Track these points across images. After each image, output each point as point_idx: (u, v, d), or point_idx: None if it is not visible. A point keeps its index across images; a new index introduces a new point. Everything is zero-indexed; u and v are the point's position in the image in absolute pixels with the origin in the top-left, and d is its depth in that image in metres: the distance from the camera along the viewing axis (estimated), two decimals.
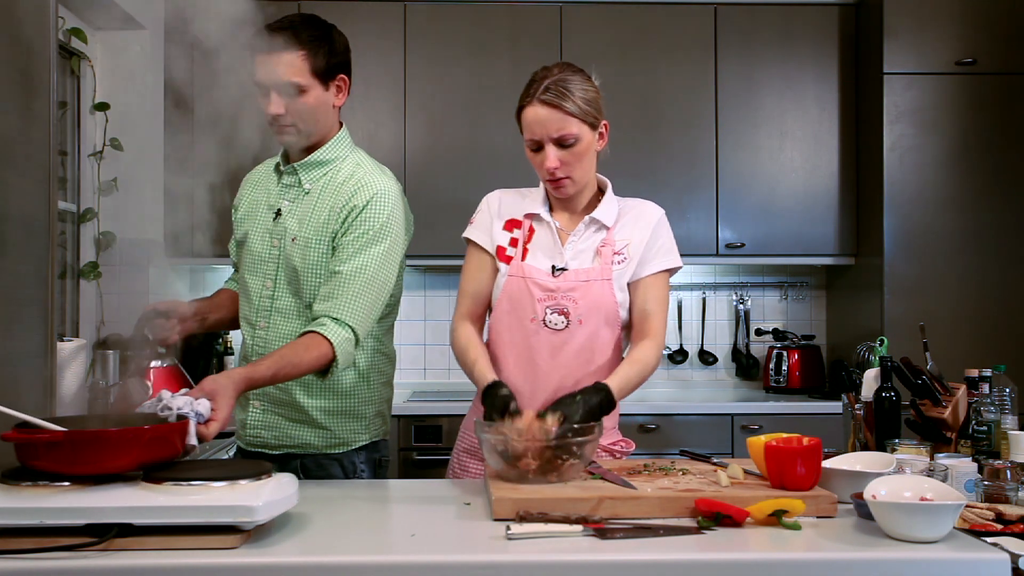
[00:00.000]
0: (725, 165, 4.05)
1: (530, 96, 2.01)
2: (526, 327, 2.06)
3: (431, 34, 4.01)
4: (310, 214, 2.14)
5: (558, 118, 1.99)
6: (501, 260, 2.11)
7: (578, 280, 2.05)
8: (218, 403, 1.74)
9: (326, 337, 1.98)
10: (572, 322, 2.04)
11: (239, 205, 2.31)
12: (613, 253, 2.07)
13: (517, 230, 2.12)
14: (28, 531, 1.42)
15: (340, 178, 2.15)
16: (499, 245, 2.13)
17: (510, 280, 2.08)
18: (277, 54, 2.02)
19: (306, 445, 2.18)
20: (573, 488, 1.73)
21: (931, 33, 3.80)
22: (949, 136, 3.80)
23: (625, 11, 4.04)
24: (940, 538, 1.49)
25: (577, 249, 2.09)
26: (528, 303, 2.06)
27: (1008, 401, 2.15)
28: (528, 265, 2.08)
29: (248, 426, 2.19)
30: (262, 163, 2.35)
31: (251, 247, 2.19)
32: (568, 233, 2.11)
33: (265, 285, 2.16)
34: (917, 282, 3.78)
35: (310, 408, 2.16)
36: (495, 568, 1.42)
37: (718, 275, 4.41)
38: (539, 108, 1.99)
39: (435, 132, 4.00)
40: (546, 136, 2.00)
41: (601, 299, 2.04)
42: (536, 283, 2.06)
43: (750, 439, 1.84)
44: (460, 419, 3.65)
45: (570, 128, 1.99)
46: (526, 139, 2.04)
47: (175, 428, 1.59)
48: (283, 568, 1.41)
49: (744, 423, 3.73)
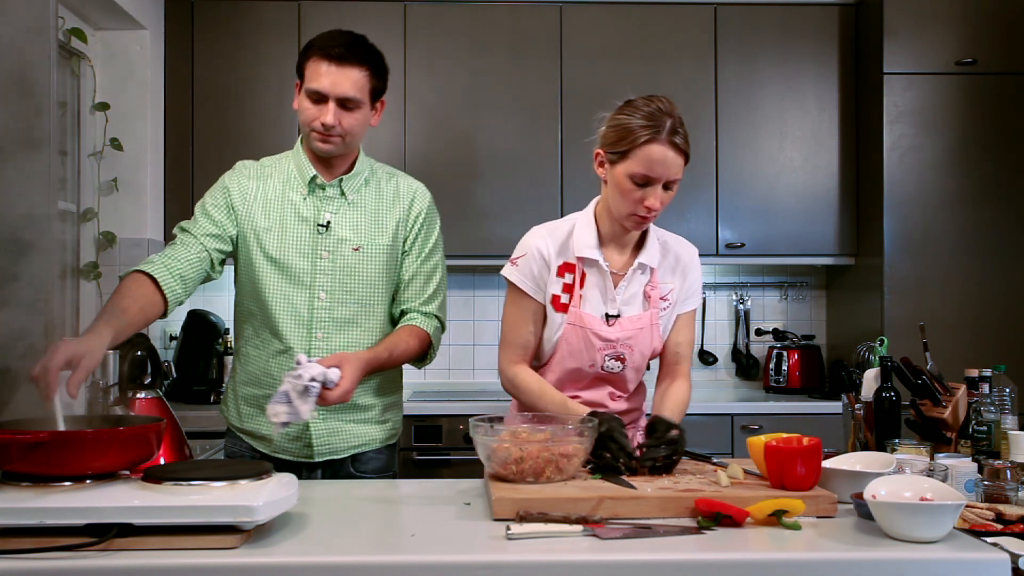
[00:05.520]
0: (725, 165, 4.04)
1: (660, 133, 1.96)
2: (584, 371, 2.14)
3: (431, 34, 4.01)
4: (363, 223, 2.23)
5: (680, 164, 2.00)
6: (557, 310, 2.12)
7: (633, 328, 2.12)
8: (346, 373, 1.94)
9: (423, 328, 2.22)
10: (627, 367, 2.14)
11: (250, 216, 2.20)
12: (660, 299, 2.15)
13: (569, 274, 2.12)
14: (28, 531, 1.42)
15: (387, 188, 2.28)
16: (554, 294, 2.12)
17: (568, 329, 2.11)
18: (345, 68, 2.10)
19: (372, 441, 2.30)
20: (573, 488, 1.73)
21: (931, 33, 3.80)
22: (949, 136, 3.80)
23: (625, 11, 4.04)
24: (940, 538, 1.49)
25: (629, 293, 2.13)
26: (588, 352, 2.11)
27: (1008, 401, 2.15)
28: (585, 314, 2.10)
29: (315, 438, 2.23)
30: (246, 171, 2.25)
31: (290, 263, 2.19)
32: (620, 276, 2.13)
33: (319, 297, 2.20)
34: (917, 282, 3.78)
35: (374, 405, 2.29)
36: (495, 568, 1.42)
37: (718, 275, 4.41)
38: (669, 150, 1.97)
39: (435, 132, 4.00)
40: (664, 177, 1.99)
41: (650, 344, 2.15)
42: (594, 333, 2.10)
43: (750, 439, 1.84)
44: (460, 419, 3.69)
45: (680, 175, 2.02)
46: (635, 173, 1.98)
47: (151, 428, 1.59)
48: (283, 568, 1.41)
49: (744, 423, 3.73)
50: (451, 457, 3.63)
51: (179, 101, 3.98)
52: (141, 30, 3.80)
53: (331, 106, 2.11)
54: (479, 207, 3.95)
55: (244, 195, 2.22)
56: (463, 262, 3.92)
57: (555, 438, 1.78)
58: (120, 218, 3.79)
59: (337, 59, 2.10)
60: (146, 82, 3.83)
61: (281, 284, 2.19)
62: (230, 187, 2.23)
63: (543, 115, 3.98)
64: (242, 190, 2.22)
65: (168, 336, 4.06)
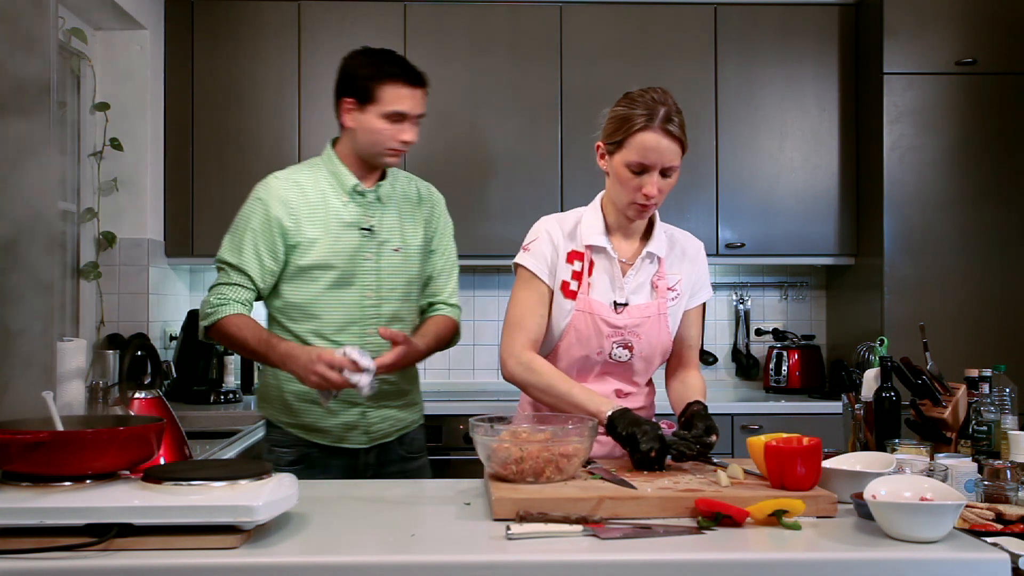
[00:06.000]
0: (725, 165, 4.04)
1: (651, 120, 2.00)
2: (592, 359, 2.14)
3: (431, 34, 4.01)
4: (398, 224, 2.43)
5: (675, 151, 2.02)
6: (566, 296, 2.13)
7: (641, 316, 2.13)
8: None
9: (454, 318, 2.51)
10: (635, 355, 2.14)
11: (299, 229, 2.32)
12: (667, 289, 2.16)
13: (579, 262, 2.14)
14: (28, 531, 1.42)
15: (408, 189, 2.49)
16: (563, 280, 2.14)
17: (577, 315, 2.11)
18: (418, 89, 2.34)
19: (413, 422, 2.53)
20: (573, 488, 1.73)
21: (931, 33, 3.80)
22: (949, 136, 3.80)
23: (625, 11, 4.04)
24: (940, 538, 1.49)
25: (636, 282, 2.15)
26: (596, 339, 2.12)
27: (1008, 401, 2.15)
28: (594, 300, 2.11)
29: (371, 425, 2.41)
30: (281, 185, 2.36)
31: (340, 266, 2.35)
32: (628, 265, 2.15)
33: (366, 295, 2.38)
34: (917, 282, 3.78)
35: (411, 390, 2.51)
36: (495, 568, 1.42)
37: (718, 275, 4.41)
38: (663, 137, 2.00)
39: (435, 132, 4.00)
40: (659, 164, 2.02)
41: (659, 334, 2.15)
42: (603, 319, 2.11)
43: (750, 439, 1.84)
44: (460, 419, 3.68)
45: (677, 160, 2.04)
46: (632, 161, 2.02)
47: (151, 428, 1.59)
48: (283, 568, 1.41)
49: (744, 423, 3.73)
50: (451, 457, 3.62)
51: (179, 101, 3.98)
52: (141, 30, 3.80)
53: (411, 124, 2.34)
54: (479, 207, 3.95)
55: (289, 212, 2.33)
56: (463, 262, 3.83)
57: (555, 438, 1.78)
58: (120, 218, 3.79)
59: (415, 83, 2.34)
60: (146, 82, 3.83)
61: (332, 287, 2.35)
62: (277, 217, 2.32)
63: (543, 115, 3.98)
64: (287, 208, 2.33)
65: (168, 336, 4.06)
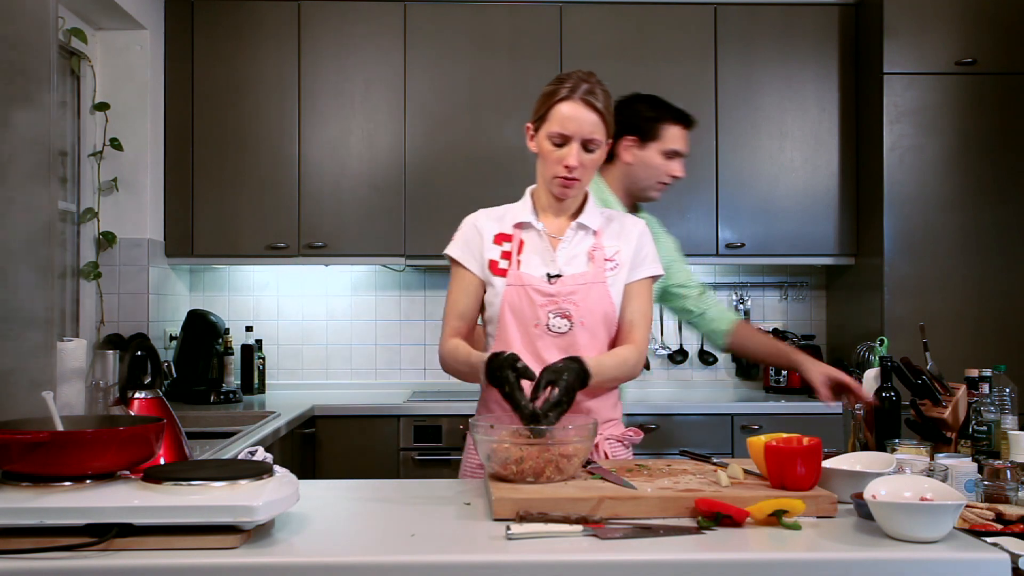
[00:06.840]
0: (725, 165, 4.05)
1: (572, 92, 2.05)
2: (531, 332, 2.09)
3: (431, 34, 4.01)
4: None
5: (594, 121, 2.05)
6: (496, 274, 2.12)
7: (576, 284, 2.09)
8: None
9: None
10: (575, 325, 2.08)
11: None
12: (604, 259, 2.12)
13: (507, 243, 2.15)
14: (28, 531, 1.41)
15: None
16: (491, 260, 2.14)
17: (509, 290, 2.10)
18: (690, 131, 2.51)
19: None
20: (573, 488, 1.73)
21: (931, 33, 3.80)
22: (949, 136, 3.81)
23: (625, 11, 4.04)
24: (940, 538, 1.49)
25: (569, 255, 2.12)
26: (530, 310, 2.08)
27: (1008, 401, 2.16)
28: (524, 273, 2.10)
29: None
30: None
31: None
32: (558, 239, 2.14)
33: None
34: (917, 282, 3.78)
35: None
36: (495, 568, 1.42)
37: (718, 275, 4.41)
38: (581, 107, 2.04)
39: (435, 132, 4.00)
40: (578, 135, 2.05)
41: (599, 302, 2.09)
42: (535, 289, 2.08)
43: (750, 439, 1.84)
44: (460, 419, 3.68)
45: (598, 134, 2.06)
46: (553, 132, 2.06)
47: (151, 428, 1.59)
48: (283, 568, 1.41)
49: (744, 423, 3.73)
50: (451, 457, 3.63)
51: (179, 101, 3.99)
52: (141, 30, 3.80)
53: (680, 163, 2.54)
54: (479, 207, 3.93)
55: None
56: None
57: (555, 438, 1.78)
58: (120, 218, 3.80)
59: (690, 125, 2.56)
60: (146, 82, 3.83)
61: None
62: None
63: None
64: None
65: (168, 336, 4.06)
